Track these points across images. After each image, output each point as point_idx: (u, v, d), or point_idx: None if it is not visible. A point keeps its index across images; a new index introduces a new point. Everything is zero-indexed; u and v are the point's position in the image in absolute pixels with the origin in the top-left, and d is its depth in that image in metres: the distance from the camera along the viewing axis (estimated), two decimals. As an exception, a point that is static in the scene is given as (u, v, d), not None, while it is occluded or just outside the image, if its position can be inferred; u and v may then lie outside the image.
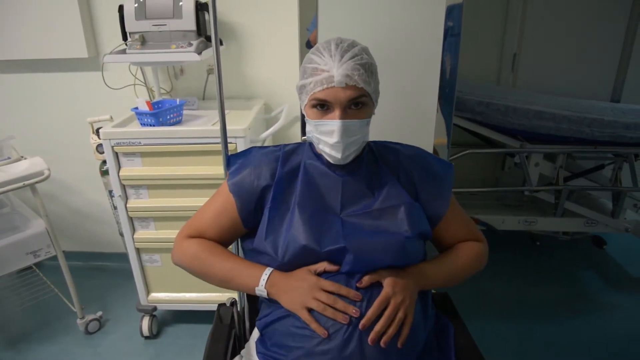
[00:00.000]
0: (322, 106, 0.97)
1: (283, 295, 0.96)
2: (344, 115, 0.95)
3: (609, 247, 2.73)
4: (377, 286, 0.95)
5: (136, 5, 1.80)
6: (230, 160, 1.13)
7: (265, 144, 2.02)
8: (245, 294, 1.25)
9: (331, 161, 1.02)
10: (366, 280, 0.94)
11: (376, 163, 1.08)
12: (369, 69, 0.97)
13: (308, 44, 1.42)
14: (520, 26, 2.83)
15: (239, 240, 1.18)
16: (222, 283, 1.05)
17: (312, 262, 0.98)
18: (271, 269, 0.99)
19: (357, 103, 0.96)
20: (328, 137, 0.97)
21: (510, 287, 2.43)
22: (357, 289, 0.94)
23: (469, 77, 2.78)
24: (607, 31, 2.82)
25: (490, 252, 1.17)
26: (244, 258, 1.09)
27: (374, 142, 1.14)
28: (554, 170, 2.44)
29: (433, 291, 1.20)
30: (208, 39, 1.91)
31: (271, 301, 1.01)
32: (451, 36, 1.36)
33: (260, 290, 0.98)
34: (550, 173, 2.47)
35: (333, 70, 0.93)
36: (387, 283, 0.94)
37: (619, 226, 2.45)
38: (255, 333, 1.09)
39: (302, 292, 0.94)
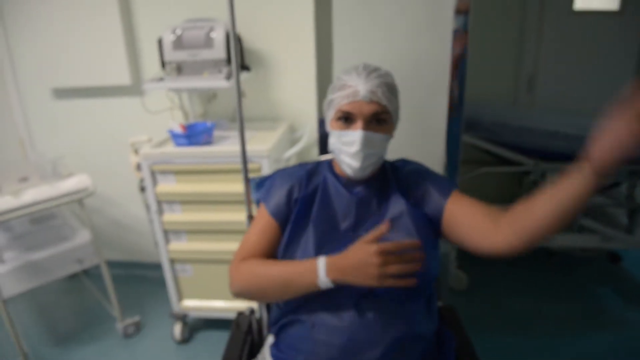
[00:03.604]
0: (347, 119, 1.00)
1: (352, 277, 0.90)
2: (366, 127, 0.98)
3: (624, 263, 2.63)
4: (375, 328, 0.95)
5: (173, 37, 1.89)
6: (259, 185, 1.16)
7: (290, 162, 2.06)
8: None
9: (350, 172, 1.03)
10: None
11: (387, 181, 1.10)
12: (391, 88, 1.01)
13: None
14: (537, 47, 2.81)
15: None
16: (283, 291, 0.98)
17: None
18: (324, 258, 0.93)
19: (379, 119, 1.00)
20: (349, 147, 1.00)
21: (527, 302, 2.36)
22: None
23: (485, 98, 2.77)
24: (619, 52, 2.77)
25: (507, 267, 1.14)
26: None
27: (390, 162, 1.16)
28: (569, 188, 2.39)
29: (439, 304, 1.20)
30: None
31: (283, 306, 1.04)
32: (456, 59, 1.38)
33: (324, 282, 0.92)
34: (565, 191, 2.41)
35: (359, 85, 0.97)
36: None
37: (635, 242, 2.37)
38: (270, 339, 1.12)
39: (374, 264, 0.87)
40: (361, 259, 0.88)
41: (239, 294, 1.04)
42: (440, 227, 1.05)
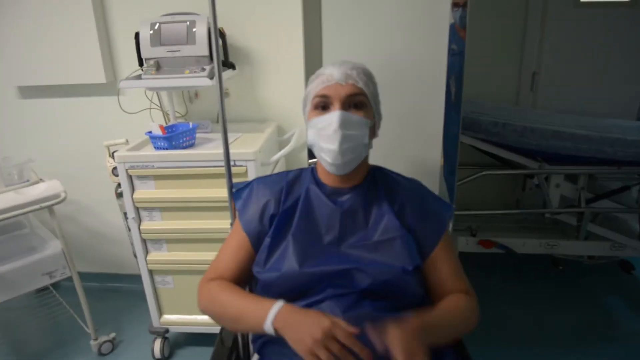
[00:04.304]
0: (324, 106, 1.04)
1: (290, 333, 0.89)
2: (342, 109, 1.02)
3: (637, 272, 2.67)
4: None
5: (151, 32, 1.89)
6: (236, 197, 1.18)
7: (278, 166, 2.07)
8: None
9: (330, 162, 1.04)
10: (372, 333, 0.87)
11: (376, 190, 1.11)
12: (367, 74, 1.07)
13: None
14: (540, 42, 2.84)
15: None
16: (234, 324, 1.04)
17: (304, 288, 1.00)
18: (282, 303, 0.93)
19: (357, 103, 1.04)
20: (327, 130, 1.02)
21: (531, 313, 2.39)
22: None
23: (485, 96, 2.80)
24: (631, 48, 2.81)
25: (510, 276, 1.16)
26: (256, 295, 1.04)
27: (377, 168, 1.17)
28: (575, 192, 2.42)
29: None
30: (222, 63, 1.99)
31: None
32: (453, 56, 1.40)
33: (268, 328, 0.91)
34: (572, 194, 2.44)
35: (334, 71, 1.04)
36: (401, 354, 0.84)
37: (647, 250, 2.40)
38: (255, 358, 1.13)
39: (312, 335, 0.85)
40: (307, 324, 0.87)
41: (203, 313, 1.08)
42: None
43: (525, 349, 2.12)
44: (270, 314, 0.92)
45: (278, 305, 0.93)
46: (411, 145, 1.50)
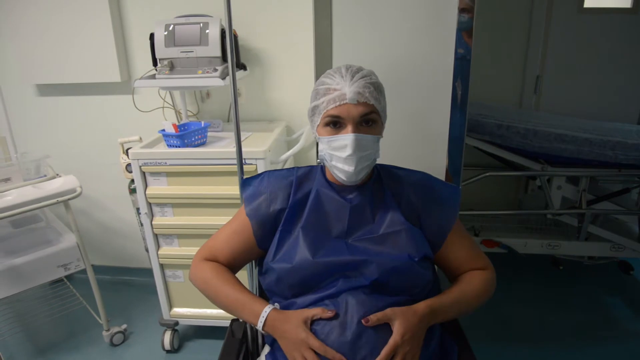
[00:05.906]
0: (335, 124, 1.02)
1: (279, 339, 1.00)
2: (356, 130, 1.01)
3: (636, 273, 2.66)
4: (381, 329, 0.96)
5: (166, 33, 1.91)
6: (245, 184, 1.19)
7: (286, 165, 2.08)
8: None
9: (344, 177, 1.05)
10: (373, 319, 0.94)
11: (382, 188, 1.12)
12: (378, 87, 1.04)
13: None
14: (543, 48, 2.84)
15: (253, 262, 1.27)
16: (228, 311, 1.10)
17: (316, 279, 1.02)
18: (269, 309, 1.01)
19: (368, 120, 1.02)
20: (341, 152, 1.02)
21: (532, 312, 2.39)
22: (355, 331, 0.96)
23: (490, 99, 2.80)
24: (632, 53, 2.80)
25: (512, 276, 1.18)
26: (248, 290, 1.11)
27: (381, 165, 1.18)
28: (577, 194, 2.42)
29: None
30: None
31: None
32: (459, 60, 1.40)
33: (261, 331, 1.02)
34: (573, 196, 2.44)
35: (345, 88, 1.00)
36: (397, 331, 0.94)
37: (646, 251, 2.39)
38: (266, 348, 1.14)
39: (292, 344, 0.96)
40: (291, 336, 0.97)
41: (194, 284, 1.18)
42: (434, 252, 1.12)
43: (526, 348, 2.12)
44: (260, 323, 1.01)
45: (266, 314, 1.01)
46: (417, 147, 1.50)
